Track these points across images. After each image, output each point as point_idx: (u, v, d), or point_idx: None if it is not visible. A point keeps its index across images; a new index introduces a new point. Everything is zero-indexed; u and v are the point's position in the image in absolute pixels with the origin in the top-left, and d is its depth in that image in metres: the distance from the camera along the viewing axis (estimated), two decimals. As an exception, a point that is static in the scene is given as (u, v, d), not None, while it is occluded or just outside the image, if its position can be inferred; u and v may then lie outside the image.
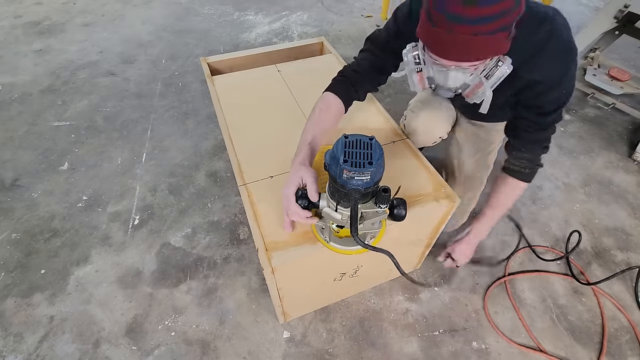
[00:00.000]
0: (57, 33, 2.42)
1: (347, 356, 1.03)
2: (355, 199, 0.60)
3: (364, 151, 0.59)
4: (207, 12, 2.68)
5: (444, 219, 0.94)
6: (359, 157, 0.59)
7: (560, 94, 0.81)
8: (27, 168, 1.54)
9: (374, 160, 0.58)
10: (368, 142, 0.60)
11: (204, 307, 1.13)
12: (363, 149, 0.60)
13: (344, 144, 0.60)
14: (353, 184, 0.59)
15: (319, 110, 0.88)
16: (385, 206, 0.66)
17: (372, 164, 0.58)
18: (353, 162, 0.58)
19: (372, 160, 0.58)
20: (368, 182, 0.59)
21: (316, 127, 0.86)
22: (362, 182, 0.59)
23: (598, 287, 1.19)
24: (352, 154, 0.59)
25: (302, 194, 0.70)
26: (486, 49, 0.64)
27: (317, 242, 0.78)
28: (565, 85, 0.80)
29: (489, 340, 1.07)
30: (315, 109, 0.89)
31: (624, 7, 1.51)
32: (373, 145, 0.60)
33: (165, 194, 1.45)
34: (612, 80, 1.74)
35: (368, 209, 0.67)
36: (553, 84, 0.79)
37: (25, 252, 1.26)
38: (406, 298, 1.16)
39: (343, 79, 0.91)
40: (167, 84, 2.01)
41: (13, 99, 1.89)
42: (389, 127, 1.06)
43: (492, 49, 0.65)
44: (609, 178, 1.55)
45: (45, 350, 1.04)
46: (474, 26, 0.59)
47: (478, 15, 0.58)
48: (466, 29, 0.60)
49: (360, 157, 0.59)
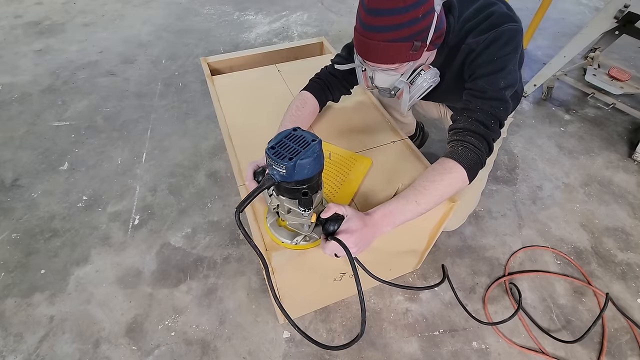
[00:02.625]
0: (57, 33, 2.42)
1: (347, 356, 1.03)
2: (267, 185, 0.61)
3: (296, 147, 0.59)
4: (207, 12, 2.69)
5: (444, 218, 0.94)
6: (287, 149, 0.59)
7: (492, 62, 0.78)
8: (27, 168, 1.54)
9: (297, 158, 0.57)
10: (309, 142, 0.60)
11: (204, 307, 1.13)
12: (298, 145, 0.59)
13: (287, 134, 0.61)
14: (271, 171, 0.61)
15: (295, 107, 0.96)
16: (306, 211, 0.66)
17: (291, 160, 0.57)
18: (277, 152, 0.59)
19: (294, 157, 0.58)
20: (284, 176, 0.59)
21: (291, 122, 0.92)
22: (278, 173, 0.60)
23: (598, 288, 1.19)
24: (284, 144, 0.60)
25: (261, 170, 0.78)
26: (389, 55, 0.75)
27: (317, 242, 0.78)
28: (496, 53, 0.78)
29: (489, 340, 1.07)
30: (292, 105, 0.96)
31: (624, 7, 1.51)
32: (310, 147, 0.59)
33: (165, 194, 1.45)
34: (612, 80, 1.74)
35: (294, 207, 0.68)
36: (482, 51, 0.78)
37: (25, 252, 1.26)
38: (406, 298, 1.16)
39: (319, 81, 1.00)
40: (167, 84, 2.01)
41: (13, 99, 1.89)
42: (389, 127, 1.06)
43: (395, 56, 0.75)
44: (609, 178, 1.55)
45: (45, 350, 1.04)
46: (377, 34, 0.71)
47: (378, 25, 0.70)
48: (372, 36, 0.72)
49: (287, 150, 0.59)
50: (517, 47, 0.78)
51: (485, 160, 0.78)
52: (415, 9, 0.68)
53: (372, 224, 0.71)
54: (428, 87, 0.86)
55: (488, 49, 0.78)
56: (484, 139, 0.77)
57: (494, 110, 0.77)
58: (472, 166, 0.76)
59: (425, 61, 0.86)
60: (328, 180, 0.90)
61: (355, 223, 0.69)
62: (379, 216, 0.72)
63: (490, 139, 0.78)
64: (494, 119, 0.78)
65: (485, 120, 0.77)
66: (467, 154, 0.76)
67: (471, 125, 0.78)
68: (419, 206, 0.73)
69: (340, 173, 0.92)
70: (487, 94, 0.78)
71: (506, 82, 0.78)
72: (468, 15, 0.81)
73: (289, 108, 0.96)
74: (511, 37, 0.77)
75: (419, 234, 1.00)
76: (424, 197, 0.74)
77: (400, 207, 0.73)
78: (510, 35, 0.77)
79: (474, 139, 0.76)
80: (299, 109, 0.96)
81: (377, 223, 0.72)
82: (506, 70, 0.78)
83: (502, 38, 0.77)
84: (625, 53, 2.26)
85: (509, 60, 0.78)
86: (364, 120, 1.08)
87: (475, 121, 0.78)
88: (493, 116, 0.78)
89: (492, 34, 0.77)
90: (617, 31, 1.71)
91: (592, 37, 1.68)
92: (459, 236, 1.32)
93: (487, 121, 0.77)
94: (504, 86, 0.78)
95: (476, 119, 0.78)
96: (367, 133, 1.04)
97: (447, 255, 1.27)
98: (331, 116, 1.09)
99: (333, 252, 0.69)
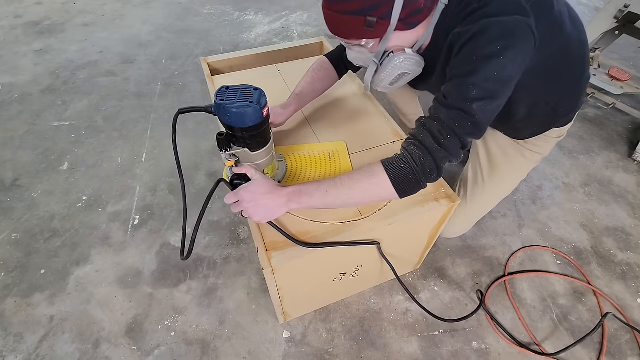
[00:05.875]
0: (57, 33, 2.42)
1: (347, 356, 1.03)
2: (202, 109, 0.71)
3: (245, 97, 0.67)
4: (207, 12, 2.68)
5: (444, 218, 0.94)
6: (236, 95, 0.67)
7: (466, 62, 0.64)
8: (27, 168, 1.54)
9: (231, 107, 0.65)
10: (245, 98, 0.67)
11: (204, 307, 1.13)
12: (247, 96, 0.67)
13: (249, 87, 0.69)
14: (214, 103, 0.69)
15: (312, 70, 1.02)
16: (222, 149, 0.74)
17: (224, 101, 0.66)
18: (228, 95, 0.67)
19: (232, 104, 0.65)
20: (215, 111, 0.69)
21: (306, 83, 1.00)
22: (214, 107, 0.68)
23: (598, 288, 1.19)
24: (238, 90, 0.68)
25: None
26: (343, 28, 0.71)
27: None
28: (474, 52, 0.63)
29: (489, 340, 1.07)
30: (310, 69, 1.03)
31: (624, 7, 1.51)
32: (240, 100, 0.66)
33: (165, 194, 1.45)
34: (612, 80, 1.74)
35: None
36: (461, 46, 0.65)
37: (25, 252, 1.26)
38: (406, 298, 1.16)
39: (333, 53, 1.05)
40: (167, 84, 2.01)
41: (13, 99, 1.89)
42: (389, 127, 1.06)
43: (348, 31, 0.71)
44: (609, 178, 1.55)
45: (45, 350, 1.04)
46: (329, 3, 0.68)
47: None
48: (326, 5, 0.69)
49: (234, 96, 0.67)
50: (507, 47, 0.61)
51: (421, 178, 0.65)
52: None
53: (278, 193, 0.71)
54: (399, 73, 0.76)
55: (466, 45, 0.64)
56: (430, 154, 0.65)
57: (452, 123, 0.64)
58: (402, 180, 0.66)
59: (401, 43, 0.75)
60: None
61: (260, 187, 0.71)
62: (289, 190, 0.71)
63: (437, 156, 0.65)
64: (451, 134, 0.64)
65: (437, 133, 0.64)
66: (400, 165, 0.66)
67: (420, 134, 0.66)
68: (328, 197, 0.69)
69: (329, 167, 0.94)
70: (449, 102, 0.65)
71: (479, 93, 0.62)
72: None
73: (307, 71, 1.02)
74: (501, 34, 0.61)
75: (419, 233, 1.00)
76: (336, 191, 0.69)
77: (311, 191, 0.71)
78: (499, 31, 0.61)
79: (417, 151, 0.65)
80: (314, 71, 1.02)
81: (283, 194, 0.71)
82: (480, 75, 0.62)
83: (487, 33, 0.62)
84: (625, 53, 2.26)
85: (491, 64, 0.61)
86: (364, 120, 1.08)
87: (427, 131, 0.66)
88: (450, 130, 0.64)
89: (476, 26, 0.63)
90: (617, 31, 1.71)
91: (592, 37, 1.68)
92: (459, 236, 1.32)
93: (440, 135, 0.64)
94: (475, 97, 0.62)
95: (429, 128, 0.65)
96: (367, 133, 1.04)
97: (447, 255, 1.27)
98: (331, 116, 1.09)
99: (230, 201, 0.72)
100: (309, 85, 1.01)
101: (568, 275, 1.22)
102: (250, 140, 0.73)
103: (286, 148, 0.98)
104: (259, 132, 0.72)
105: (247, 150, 0.75)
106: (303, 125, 1.06)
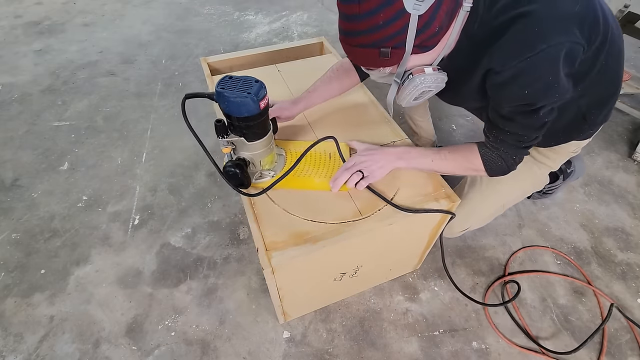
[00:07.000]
0: (57, 33, 2.42)
1: (347, 356, 1.03)
2: (206, 95, 0.73)
3: (245, 88, 0.70)
4: (207, 12, 2.69)
5: (444, 218, 0.94)
6: (237, 85, 0.70)
7: (520, 97, 0.68)
8: (27, 168, 1.54)
9: (229, 96, 0.68)
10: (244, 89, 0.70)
11: (204, 307, 1.13)
12: (247, 87, 0.70)
13: (251, 79, 0.72)
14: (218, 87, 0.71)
15: (331, 69, 1.04)
16: (219, 136, 0.78)
17: (224, 89, 0.69)
18: (229, 84, 0.70)
19: (231, 94, 0.68)
20: (216, 98, 0.71)
21: (322, 82, 1.03)
22: (215, 93, 0.71)
23: (598, 288, 1.19)
24: (240, 81, 0.71)
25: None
26: (361, 59, 0.73)
27: (317, 242, 0.78)
28: (525, 85, 0.65)
29: (489, 340, 1.07)
30: (329, 69, 1.05)
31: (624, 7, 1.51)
32: (239, 91, 0.69)
33: (165, 194, 1.45)
34: (612, 80, 1.74)
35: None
36: (507, 78, 0.66)
37: (25, 252, 1.26)
38: (406, 298, 1.16)
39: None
40: (167, 84, 2.01)
41: (13, 99, 1.89)
42: (389, 127, 1.06)
43: (366, 61, 0.73)
44: (609, 178, 1.55)
45: (45, 350, 1.04)
46: (344, 37, 0.69)
47: (344, 29, 0.68)
48: (342, 39, 0.70)
49: (235, 86, 0.70)
50: (556, 76, 0.64)
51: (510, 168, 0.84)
52: (371, 16, 0.61)
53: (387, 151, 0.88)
54: (421, 91, 0.77)
55: (516, 82, 0.66)
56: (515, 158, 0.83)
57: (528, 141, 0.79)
58: (496, 172, 0.85)
59: (420, 62, 0.75)
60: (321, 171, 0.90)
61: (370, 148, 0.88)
62: (399, 149, 0.88)
63: (519, 160, 0.83)
64: (527, 146, 0.81)
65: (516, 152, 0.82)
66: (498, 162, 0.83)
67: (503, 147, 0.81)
68: (433, 165, 0.87)
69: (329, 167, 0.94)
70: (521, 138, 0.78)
71: (541, 121, 0.74)
72: (501, 5, 0.65)
73: (326, 71, 1.05)
74: (548, 69, 0.63)
75: (419, 234, 1.00)
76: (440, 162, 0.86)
77: (419, 155, 0.88)
78: (545, 66, 0.63)
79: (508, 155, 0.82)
80: (332, 70, 1.04)
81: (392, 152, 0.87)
82: (538, 108, 0.69)
83: (533, 71, 0.63)
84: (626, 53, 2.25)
85: (544, 96, 0.67)
86: (364, 120, 1.08)
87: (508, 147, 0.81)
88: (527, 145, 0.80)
89: (520, 63, 0.63)
90: (617, 31, 1.71)
91: (592, 37, 1.68)
92: (459, 236, 1.32)
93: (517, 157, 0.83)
94: (540, 125, 0.75)
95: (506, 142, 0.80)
96: (367, 133, 1.04)
97: (447, 255, 1.27)
98: (331, 116, 1.09)
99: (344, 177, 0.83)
100: (324, 84, 1.02)
101: (568, 275, 1.22)
102: (247, 130, 0.76)
103: (287, 143, 0.99)
104: (256, 123, 0.75)
105: (244, 139, 0.78)
106: (303, 125, 1.06)
